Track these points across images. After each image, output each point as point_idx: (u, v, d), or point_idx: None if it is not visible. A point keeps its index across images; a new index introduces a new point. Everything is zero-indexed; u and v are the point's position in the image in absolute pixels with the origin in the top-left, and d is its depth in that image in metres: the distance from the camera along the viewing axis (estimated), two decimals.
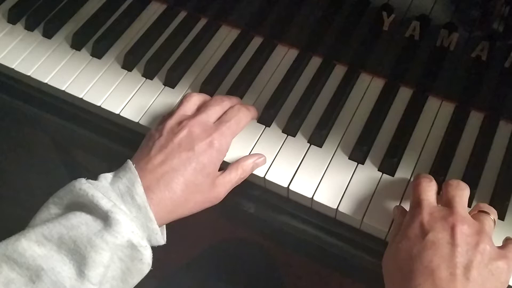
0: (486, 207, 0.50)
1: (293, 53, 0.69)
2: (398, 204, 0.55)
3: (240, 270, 0.75)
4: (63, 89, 0.65)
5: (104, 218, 0.45)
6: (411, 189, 0.53)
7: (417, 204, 0.49)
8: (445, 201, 0.50)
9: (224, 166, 0.57)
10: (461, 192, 0.50)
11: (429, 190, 0.50)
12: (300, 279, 0.95)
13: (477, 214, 0.50)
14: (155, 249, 0.49)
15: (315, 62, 0.68)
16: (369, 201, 0.56)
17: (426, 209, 0.48)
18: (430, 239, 0.45)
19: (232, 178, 0.56)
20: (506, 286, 0.46)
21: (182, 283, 0.73)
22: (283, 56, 0.69)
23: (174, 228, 0.54)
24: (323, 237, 0.60)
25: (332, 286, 0.96)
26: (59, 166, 1.24)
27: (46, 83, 0.66)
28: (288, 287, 0.82)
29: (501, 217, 0.54)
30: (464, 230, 0.45)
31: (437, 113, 0.62)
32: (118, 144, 0.67)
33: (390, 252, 0.48)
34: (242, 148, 0.60)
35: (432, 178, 0.52)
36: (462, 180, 0.57)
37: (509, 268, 0.46)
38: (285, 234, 0.63)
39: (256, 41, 0.70)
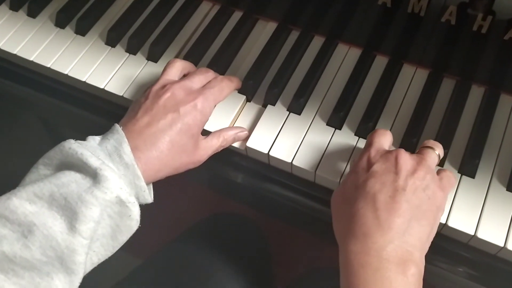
0: (431, 142, 0.53)
1: (272, 26, 0.70)
2: None
3: (227, 241, 0.77)
4: (48, 66, 0.67)
5: (93, 175, 0.47)
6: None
7: (367, 145, 0.53)
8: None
9: (206, 135, 0.60)
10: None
11: (383, 136, 0.53)
12: (287, 247, 0.97)
13: (421, 149, 0.53)
14: (141, 226, 0.50)
15: (294, 34, 0.70)
16: (346, 164, 0.58)
17: (374, 147, 0.51)
18: (374, 169, 0.49)
19: (214, 144, 0.58)
20: (442, 210, 0.50)
21: (168, 259, 0.74)
22: (262, 29, 0.71)
23: (158, 203, 0.55)
24: (305, 202, 0.62)
25: (322, 253, 0.98)
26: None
27: (32, 61, 0.68)
28: (276, 255, 0.84)
29: (472, 175, 0.57)
30: (406, 159, 0.49)
31: (411, 79, 0.64)
32: (105, 119, 0.69)
33: (339, 188, 0.51)
34: (224, 116, 0.62)
35: (389, 132, 0.55)
36: (435, 140, 0.59)
37: (444, 195, 0.50)
38: (271, 201, 0.66)
39: (237, 15, 0.72)
